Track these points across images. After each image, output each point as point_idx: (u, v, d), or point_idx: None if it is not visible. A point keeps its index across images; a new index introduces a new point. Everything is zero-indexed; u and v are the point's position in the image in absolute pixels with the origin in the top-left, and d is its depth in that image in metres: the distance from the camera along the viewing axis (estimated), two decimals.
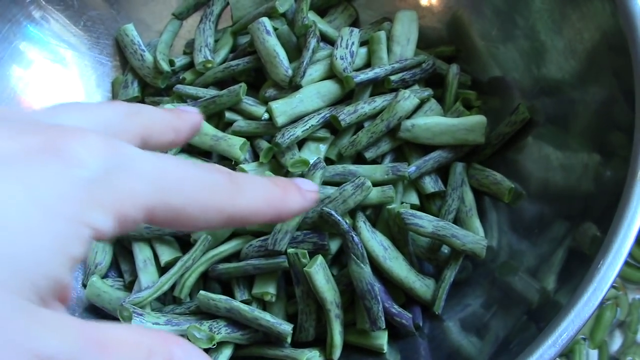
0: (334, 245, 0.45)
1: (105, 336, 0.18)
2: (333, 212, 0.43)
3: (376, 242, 0.44)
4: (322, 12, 0.56)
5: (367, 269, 0.42)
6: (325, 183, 0.46)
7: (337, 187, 0.45)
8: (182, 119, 0.29)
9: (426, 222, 0.44)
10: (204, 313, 0.44)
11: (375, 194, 0.45)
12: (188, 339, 0.42)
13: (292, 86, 0.49)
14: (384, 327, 0.42)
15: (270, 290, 0.44)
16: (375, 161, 0.48)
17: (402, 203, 0.46)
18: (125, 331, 0.19)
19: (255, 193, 0.26)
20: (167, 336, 0.20)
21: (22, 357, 0.16)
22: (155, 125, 0.27)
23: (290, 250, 0.43)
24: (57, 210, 0.18)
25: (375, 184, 0.45)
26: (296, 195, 0.28)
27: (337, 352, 0.43)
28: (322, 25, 0.53)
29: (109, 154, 0.20)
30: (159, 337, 0.20)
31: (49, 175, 0.18)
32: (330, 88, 0.49)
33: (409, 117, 0.47)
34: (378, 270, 0.44)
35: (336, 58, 0.49)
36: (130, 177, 0.20)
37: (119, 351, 0.18)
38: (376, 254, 0.44)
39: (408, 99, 0.46)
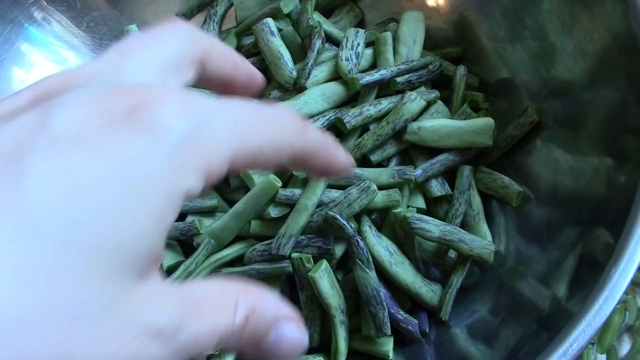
0: (338, 250, 0.44)
1: (197, 296, 0.20)
2: (338, 216, 0.42)
3: (382, 246, 0.44)
4: (327, 13, 0.55)
5: (372, 274, 0.42)
6: (331, 186, 0.45)
7: (342, 191, 0.44)
8: (243, 59, 0.28)
9: (433, 226, 0.43)
10: None
11: (381, 198, 0.44)
12: None
13: (296, 88, 0.48)
14: (390, 333, 0.42)
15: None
16: (381, 164, 0.47)
17: (408, 207, 0.46)
18: (210, 286, 0.21)
19: (317, 133, 0.26)
20: (246, 287, 0.22)
21: (136, 332, 0.17)
22: (216, 50, 0.26)
23: (294, 255, 0.42)
24: (152, 186, 0.18)
25: (381, 188, 0.44)
26: (342, 151, 0.28)
27: (342, 358, 0.42)
28: (327, 26, 0.52)
29: (190, 114, 0.20)
30: (240, 288, 0.21)
31: (138, 150, 0.18)
32: (335, 90, 0.48)
33: (415, 119, 0.47)
34: (384, 275, 0.44)
35: (341, 59, 0.48)
36: (212, 132, 0.20)
37: (211, 309, 0.20)
38: (382, 259, 0.43)
39: (414, 101, 0.46)
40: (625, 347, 0.56)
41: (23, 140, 0.17)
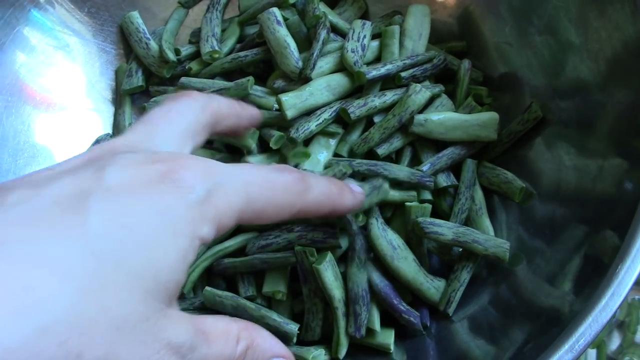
0: (344, 242, 0.44)
1: (206, 326, 0.25)
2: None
3: (385, 240, 0.43)
4: (331, 5, 0.55)
5: (365, 275, 0.42)
6: (354, 175, 0.45)
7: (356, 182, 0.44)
8: (243, 107, 0.37)
9: (446, 229, 0.43)
10: (208, 309, 0.43)
11: (398, 195, 0.45)
12: None
13: (301, 78, 0.48)
14: (364, 335, 0.42)
15: (280, 288, 0.43)
16: (390, 157, 0.47)
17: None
18: (216, 321, 0.25)
19: (320, 190, 0.31)
20: (247, 324, 0.27)
21: (160, 346, 0.21)
22: (223, 111, 0.34)
23: (297, 248, 0.42)
24: (179, 229, 0.23)
25: (396, 183, 0.45)
26: (349, 194, 0.35)
27: (343, 350, 0.42)
28: (332, 16, 0.52)
29: (208, 175, 0.25)
30: (242, 325, 0.26)
31: (170, 201, 0.23)
32: (340, 81, 0.48)
33: (420, 112, 0.47)
34: (385, 268, 0.44)
35: (347, 51, 0.48)
36: (226, 192, 0.26)
37: (217, 339, 0.24)
38: (384, 252, 0.43)
39: (420, 92, 0.46)
40: (615, 343, 0.57)
41: (86, 187, 0.22)
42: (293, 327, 0.41)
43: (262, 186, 0.28)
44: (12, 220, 0.21)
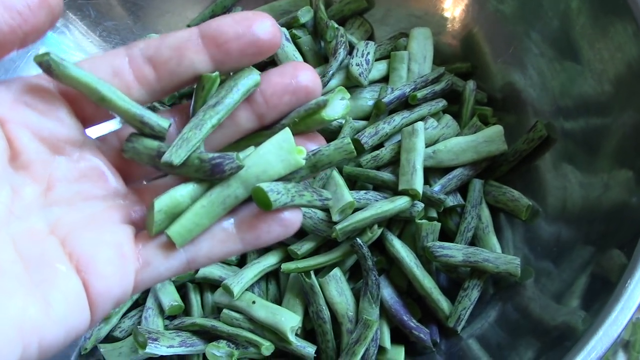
0: (349, 262, 0.44)
1: None
2: (364, 245, 0.43)
3: (406, 251, 0.44)
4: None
5: (377, 311, 0.42)
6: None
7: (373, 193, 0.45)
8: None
9: (455, 251, 0.44)
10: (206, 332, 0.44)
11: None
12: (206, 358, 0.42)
13: None
14: None
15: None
16: None
17: (421, 218, 0.46)
18: None
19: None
20: None
21: None
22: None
23: (292, 271, 0.42)
24: None
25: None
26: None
27: None
28: (348, 35, 0.53)
29: None
30: None
31: None
32: (354, 106, 0.49)
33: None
34: (401, 278, 0.44)
35: (352, 65, 0.49)
36: None
37: None
38: (406, 261, 0.44)
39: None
40: None
41: None
42: (310, 350, 0.42)
43: None
44: None
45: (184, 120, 0.28)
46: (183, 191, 0.27)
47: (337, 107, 0.30)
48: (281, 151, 0.28)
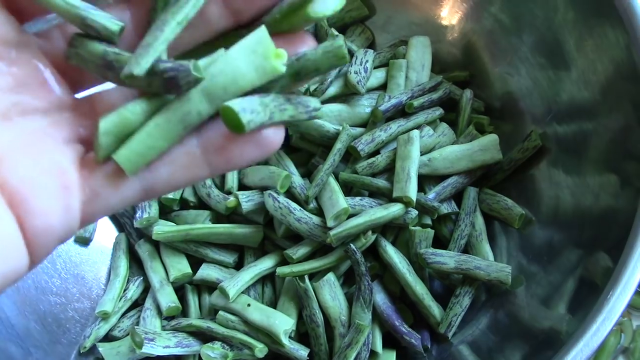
0: (343, 267, 0.45)
1: None
2: (357, 251, 0.44)
3: (398, 257, 0.45)
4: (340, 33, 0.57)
5: (369, 316, 0.43)
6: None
7: (368, 200, 0.46)
8: None
9: (448, 258, 0.44)
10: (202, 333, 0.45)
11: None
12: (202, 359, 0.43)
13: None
14: None
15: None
16: None
17: (415, 225, 0.47)
18: None
19: None
20: None
21: None
22: None
23: (288, 275, 0.43)
24: None
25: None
26: None
27: None
28: (348, 42, 0.54)
29: None
30: None
31: None
32: (349, 113, 0.50)
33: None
34: (394, 283, 0.45)
35: (350, 73, 0.50)
36: None
37: None
38: (399, 267, 0.45)
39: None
40: None
41: None
42: (303, 353, 0.43)
43: None
44: None
45: (142, 15, 0.23)
46: (135, 108, 0.22)
47: (328, 1, 0.24)
48: (255, 55, 0.22)
